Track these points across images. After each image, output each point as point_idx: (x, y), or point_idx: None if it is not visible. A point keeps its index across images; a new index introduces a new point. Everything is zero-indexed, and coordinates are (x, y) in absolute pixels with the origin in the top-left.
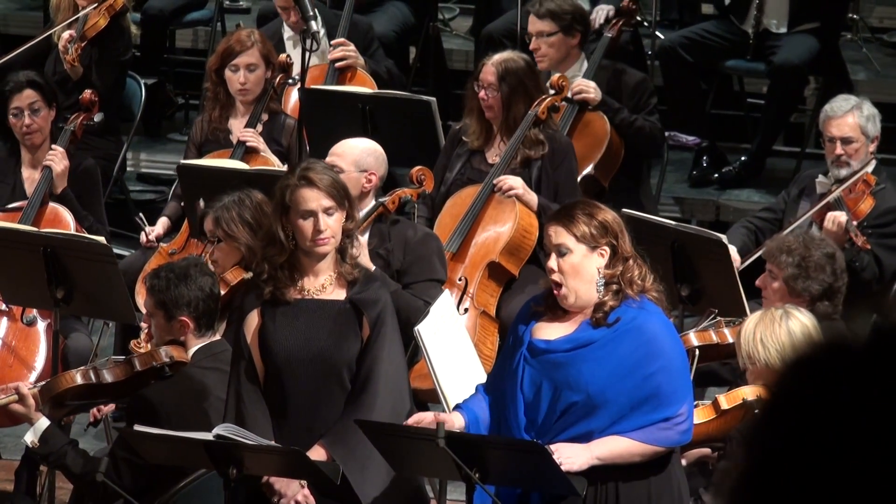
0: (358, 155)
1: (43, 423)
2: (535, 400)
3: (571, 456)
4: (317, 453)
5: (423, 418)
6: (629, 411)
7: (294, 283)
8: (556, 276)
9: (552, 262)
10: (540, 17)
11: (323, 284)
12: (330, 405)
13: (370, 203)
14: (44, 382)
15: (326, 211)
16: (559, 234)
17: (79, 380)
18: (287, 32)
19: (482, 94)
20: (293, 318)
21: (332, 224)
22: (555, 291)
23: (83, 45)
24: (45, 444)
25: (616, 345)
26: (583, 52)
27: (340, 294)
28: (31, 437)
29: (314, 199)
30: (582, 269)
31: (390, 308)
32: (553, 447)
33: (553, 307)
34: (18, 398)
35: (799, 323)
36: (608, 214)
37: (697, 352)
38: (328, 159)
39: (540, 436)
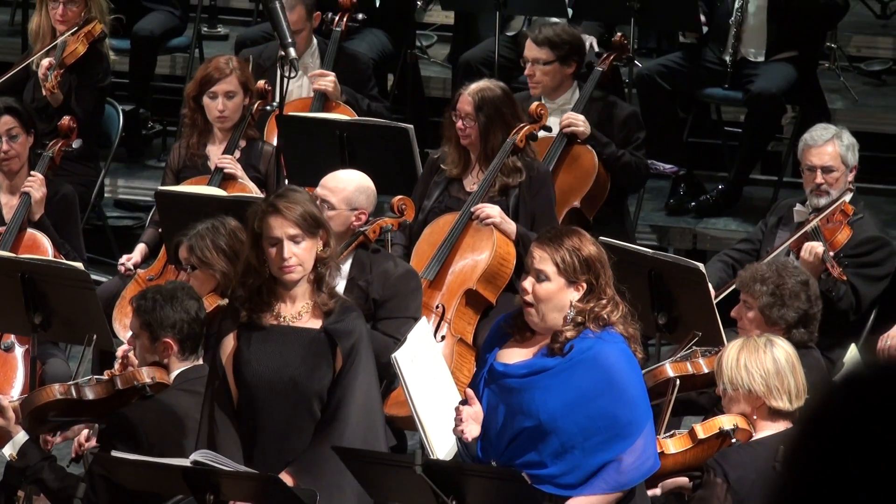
0: (350, 193)
1: (22, 436)
2: (491, 422)
3: None
4: (284, 480)
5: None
6: (582, 440)
7: (270, 308)
8: (528, 298)
9: (527, 284)
10: (538, 45)
11: (299, 312)
12: (299, 433)
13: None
14: (24, 396)
15: (293, 238)
16: (543, 261)
17: (58, 394)
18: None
19: (459, 124)
20: (267, 344)
21: (298, 252)
22: (524, 307)
23: (62, 71)
24: (22, 458)
25: (570, 374)
26: (575, 81)
27: (316, 322)
28: (9, 450)
29: (279, 226)
30: (555, 298)
31: (365, 339)
32: None
33: (521, 328)
34: None
35: (783, 351)
36: (594, 250)
37: (678, 382)
38: (318, 191)
39: (493, 458)
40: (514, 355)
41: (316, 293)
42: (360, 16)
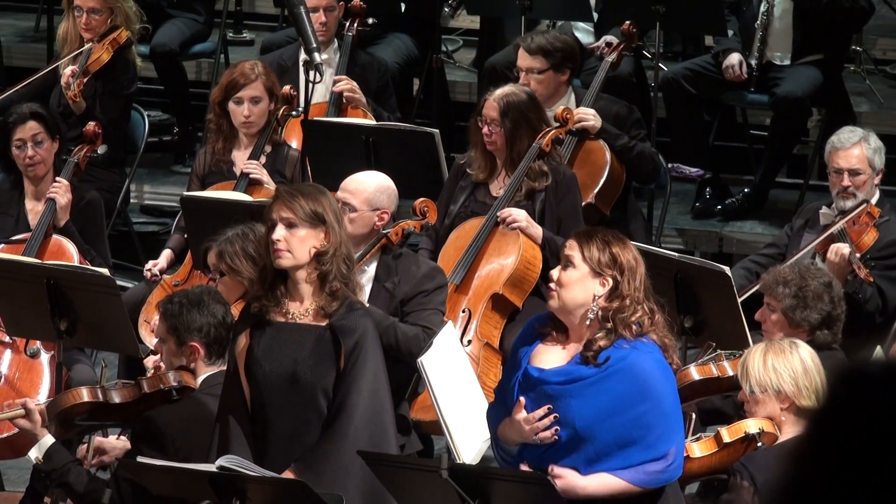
0: (371, 194)
1: (48, 439)
2: None
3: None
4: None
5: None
6: (616, 449)
7: (280, 305)
8: (552, 284)
9: (554, 271)
10: (531, 54)
11: (307, 309)
12: (308, 430)
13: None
14: (50, 399)
15: (286, 223)
16: (571, 247)
17: (85, 396)
18: (302, 55)
19: (485, 129)
20: (275, 342)
21: (288, 237)
22: (548, 292)
23: (86, 79)
24: (48, 461)
25: (606, 383)
26: (571, 86)
27: (323, 320)
28: (35, 454)
29: (276, 210)
30: (577, 286)
31: (371, 336)
32: (559, 471)
33: (556, 328)
34: (25, 413)
35: (808, 351)
36: (626, 252)
37: (694, 416)
38: (339, 195)
39: (528, 462)
40: (547, 359)
41: (320, 294)
42: (371, 20)
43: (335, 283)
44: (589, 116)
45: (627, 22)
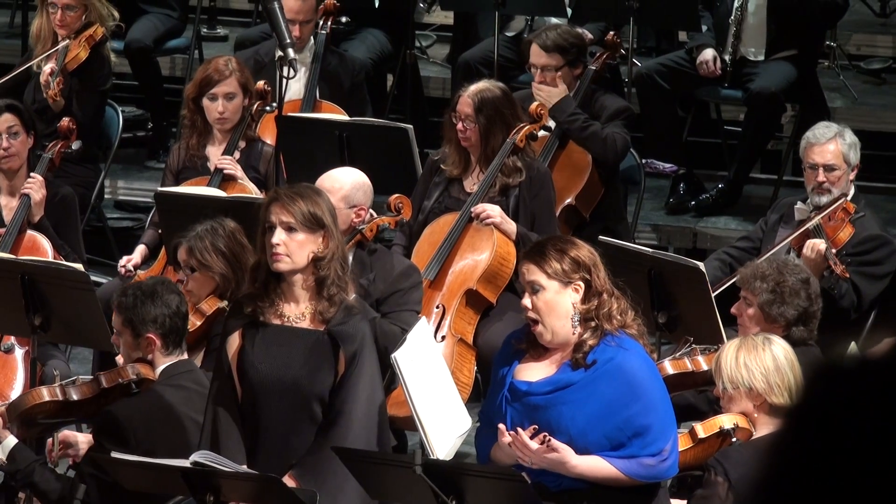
0: (348, 191)
1: (10, 440)
2: None
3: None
4: (286, 482)
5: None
6: (611, 451)
7: (275, 307)
8: (531, 314)
9: (526, 301)
10: (547, 52)
11: (303, 312)
12: (300, 435)
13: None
14: (10, 400)
15: (286, 227)
16: (531, 272)
17: (45, 396)
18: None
19: (459, 125)
20: (271, 344)
21: (288, 241)
22: (532, 328)
23: (64, 77)
24: (12, 462)
25: (595, 386)
26: (579, 80)
27: (320, 324)
28: None
29: (275, 212)
30: (556, 305)
31: (369, 342)
32: (556, 444)
33: (534, 344)
34: None
35: (781, 348)
36: (581, 250)
37: None
38: None
39: (526, 472)
40: (534, 372)
41: (317, 298)
42: (345, 19)
43: (332, 287)
44: (542, 95)
45: (611, 32)
